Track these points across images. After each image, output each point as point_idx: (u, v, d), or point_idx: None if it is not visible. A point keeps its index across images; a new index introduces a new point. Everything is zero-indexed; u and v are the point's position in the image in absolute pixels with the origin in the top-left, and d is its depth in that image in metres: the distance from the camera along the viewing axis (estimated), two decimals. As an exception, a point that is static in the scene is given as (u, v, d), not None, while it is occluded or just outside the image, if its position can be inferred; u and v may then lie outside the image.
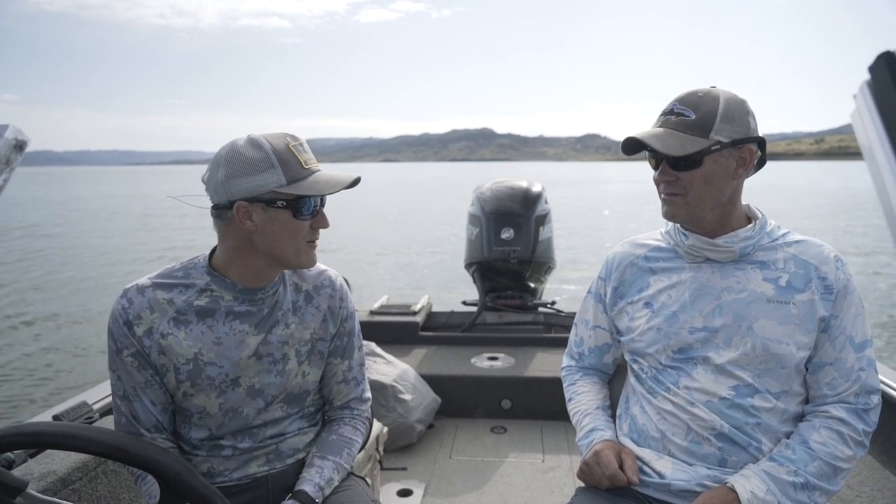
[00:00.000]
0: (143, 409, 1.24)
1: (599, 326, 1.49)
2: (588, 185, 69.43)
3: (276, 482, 1.33)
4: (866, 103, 0.60)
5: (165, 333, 1.22)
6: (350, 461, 1.39)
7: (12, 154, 0.70)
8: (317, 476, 1.30)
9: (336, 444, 1.38)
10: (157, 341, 1.22)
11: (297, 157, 1.19)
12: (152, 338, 1.22)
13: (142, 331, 1.21)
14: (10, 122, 0.69)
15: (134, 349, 1.21)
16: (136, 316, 1.21)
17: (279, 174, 1.16)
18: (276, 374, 1.30)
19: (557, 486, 2.52)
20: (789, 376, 1.23)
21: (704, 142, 1.20)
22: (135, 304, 1.22)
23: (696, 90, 1.25)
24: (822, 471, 1.17)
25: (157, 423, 1.26)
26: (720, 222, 1.28)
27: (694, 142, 1.21)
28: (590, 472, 1.31)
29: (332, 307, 1.38)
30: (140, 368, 1.23)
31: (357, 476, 1.47)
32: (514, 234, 3.74)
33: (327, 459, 1.34)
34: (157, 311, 1.22)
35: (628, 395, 1.41)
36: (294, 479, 1.33)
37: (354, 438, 1.42)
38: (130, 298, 1.22)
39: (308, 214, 1.22)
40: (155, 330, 1.22)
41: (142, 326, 1.21)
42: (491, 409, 3.18)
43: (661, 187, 1.29)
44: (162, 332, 1.22)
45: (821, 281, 1.23)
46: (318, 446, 1.38)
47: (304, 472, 1.31)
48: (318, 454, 1.35)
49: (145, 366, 1.23)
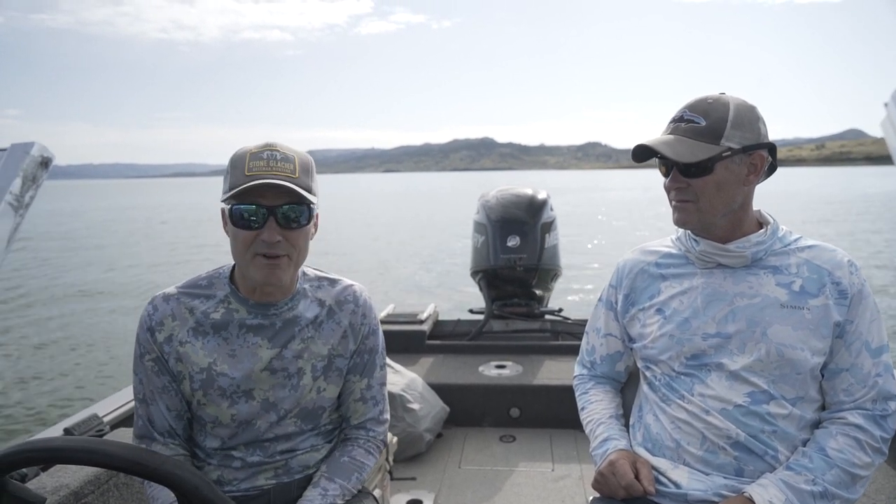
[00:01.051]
0: (158, 413, 1.28)
1: (611, 334, 1.48)
2: (589, 192, 69.48)
3: (278, 494, 1.32)
4: None
5: (184, 342, 1.26)
6: (358, 486, 1.36)
7: (39, 171, 0.70)
8: (319, 498, 1.27)
9: (346, 466, 1.34)
10: (176, 348, 1.26)
11: (245, 164, 1.15)
12: (171, 345, 1.25)
13: (163, 337, 1.25)
14: (34, 140, 0.70)
15: (154, 354, 1.26)
16: (159, 323, 1.25)
17: (227, 182, 1.17)
18: (291, 388, 1.29)
19: (568, 495, 2.50)
20: (804, 382, 1.22)
21: (715, 148, 1.20)
22: (159, 312, 1.26)
23: (705, 97, 1.25)
24: (840, 479, 1.16)
25: (170, 429, 1.29)
26: (731, 228, 1.28)
27: (705, 148, 1.20)
28: (605, 483, 1.29)
29: (353, 323, 1.35)
30: (159, 374, 1.27)
31: (366, 491, 1.44)
32: (520, 241, 3.73)
33: (334, 482, 1.30)
34: (179, 319, 1.26)
35: (641, 403, 1.40)
36: (297, 492, 1.32)
37: (366, 463, 1.38)
38: (156, 305, 1.27)
39: (241, 224, 1.16)
40: (174, 338, 1.26)
41: (163, 333, 1.25)
42: (499, 417, 3.17)
43: (671, 194, 1.28)
44: (181, 340, 1.26)
45: (835, 286, 1.23)
46: (328, 466, 1.34)
47: (308, 492, 1.28)
48: (325, 474, 1.32)
49: (164, 371, 1.27)
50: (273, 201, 1.15)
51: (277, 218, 1.16)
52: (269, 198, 1.15)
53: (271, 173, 1.14)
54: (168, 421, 1.28)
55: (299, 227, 1.19)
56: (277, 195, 1.15)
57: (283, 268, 1.19)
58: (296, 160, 1.19)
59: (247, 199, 1.15)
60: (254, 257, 1.18)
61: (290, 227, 1.17)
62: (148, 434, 1.29)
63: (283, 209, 1.16)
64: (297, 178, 1.17)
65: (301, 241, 1.20)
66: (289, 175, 1.16)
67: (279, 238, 1.16)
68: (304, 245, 1.22)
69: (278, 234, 1.16)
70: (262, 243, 1.16)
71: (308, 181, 1.19)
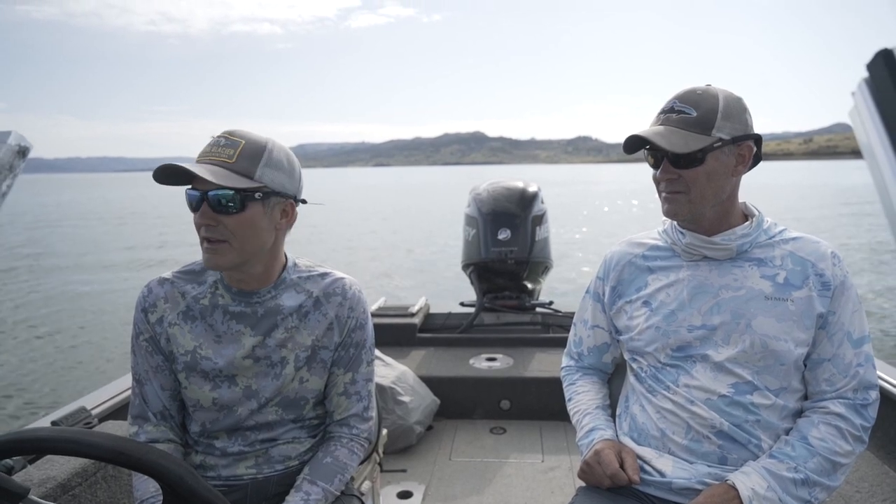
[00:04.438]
0: (152, 392, 1.31)
1: (598, 326, 1.49)
2: (579, 185, 69.60)
3: (256, 489, 1.33)
4: (865, 101, 0.61)
5: (173, 323, 1.30)
6: (341, 487, 1.35)
7: (15, 160, 0.70)
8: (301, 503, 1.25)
9: (329, 468, 1.33)
10: (166, 329, 1.30)
11: (203, 150, 1.18)
12: (162, 326, 1.30)
13: (154, 318, 1.30)
14: (11, 129, 0.69)
15: (148, 335, 1.30)
16: (152, 305, 1.30)
17: None
18: (273, 377, 1.30)
19: (557, 486, 2.52)
20: (788, 373, 1.24)
21: (707, 139, 1.21)
22: (153, 294, 1.31)
23: (693, 88, 1.26)
24: (821, 467, 1.18)
25: (163, 409, 1.32)
26: (719, 220, 1.29)
27: (697, 139, 1.21)
28: (591, 472, 1.31)
29: (339, 315, 1.34)
30: (152, 353, 1.31)
31: (349, 492, 1.42)
32: (511, 234, 3.74)
33: (317, 485, 1.29)
34: (171, 301, 1.31)
35: (628, 394, 1.42)
36: (275, 488, 1.33)
37: (350, 464, 1.37)
38: (151, 288, 1.32)
39: (190, 208, 1.18)
40: (165, 319, 1.30)
41: (155, 314, 1.30)
42: (490, 409, 3.18)
43: (661, 186, 1.29)
44: (170, 322, 1.30)
45: (818, 277, 1.24)
46: (311, 468, 1.32)
47: (290, 497, 1.26)
48: (308, 477, 1.30)
49: (157, 351, 1.31)
50: (206, 186, 1.15)
51: (210, 202, 1.16)
52: (204, 182, 1.14)
53: (206, 158, 1.16)
54: (162, 401, 1.32)
55: (231, 213, 1.16)
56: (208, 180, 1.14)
57: (222, 253, 1.18)
58: (241, 145, 1.17)
59: (194, 186, 1.17)
60: (201, 241, 1.20)
61: (223, 212, 1.16)
62: (142, 414, 1.32)
63: (213, 194, 1.15)
64: (234, 163, 1.16)
65: (241, 229, 1.18)
66: (223, 160, 1.15)
67: (210, 222, 1.16)
68: (247, 232, 1.19)
69: (210, 218, 1.16)
70: (202, 227, 1.18)
71: (250, 167, 1.17)
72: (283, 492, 1.31)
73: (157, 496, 1.22)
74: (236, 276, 1.28)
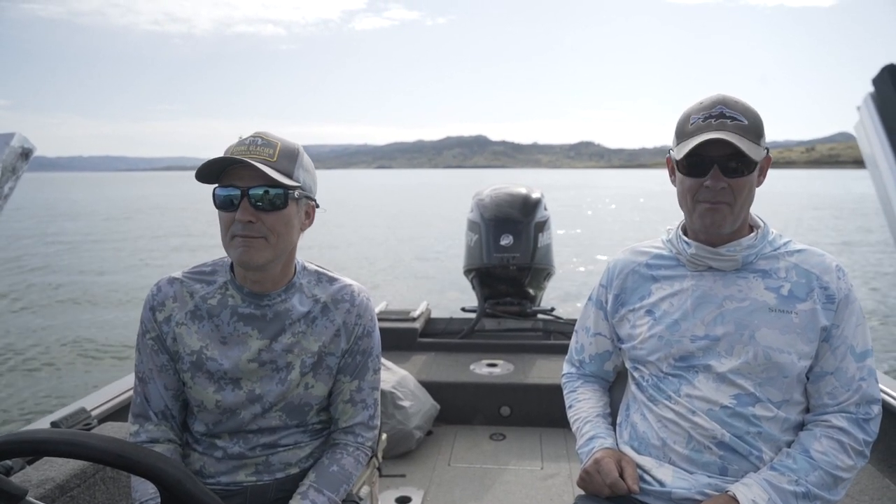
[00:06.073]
0: (155, 391, 1.31)
1: (600, 334, 1.49)
2: (581, 189, 69.63)
3: (254, 494, 1.32)
4: (870, 115, 0.61)
5: (180, 323, 1.29)
6: (344, 496, 1.34)
7: (19, 162, 0.70)
8: None
9: (336, 477, 1.31)
10: (173, 329, 1.29)
11: (231, 149, 1.18)
12: (169, 325, 1.29)
13: (162, 317, 1.30)
14: (15, 131, 0.70)
15: (154, 333, 1.30)
16: (160, 303, 1.30)
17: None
18: (278, 381, 1.29)
19: (556, 493, 2.51)
20: (791, 385, 1.23)
21: (761, 149, 1.21)
22: (162, 293, 1.31)
23: (724, 96, 1.24)
24: (822, 480, 1.17)
25: (165, 409, 1.31)
26: (735, 230, 1.28)
27: (755, 148, 1.20)
28: (590, 480, 1.30)
29: (347, 322, 1.33)
30: (158, 352, 1.30)
31: (350, 500, 1.41)
32: (514, 240, 3.73)
33: (323, 494, 1.27)
34: (179, 301, 1.30)
35: (629, 402, 1.41)
36: (274, 493, 1.32)
37: (354, 473, 1.36)
38: (160, 287, 1.32)
39: (221, 206, 1.19)
40: (173, 318, 1.29)
41: (163, 313, 1.30)
42: (490, 415, 3.18)
43: (703, 195, 1.22)
44: (178, 322, 1.29)
45: (822, 290, 1.24)
46: (317, 475, 1.30)
47: (296, 502, 1.25)
48: (314, 485, 1.28)
49: (162, 350, 1.30)
50: (248, 183, 1.17)
51: (250, 199, 1.16)
52: (245, 179, 1.17)
53: (247, 155, 1.17)
54: (165, 400, 1.31)
55: (273, 210, 1.18)
56: (252, 177, 1.17)
57: (259, 248, 1.19)
58: (278, 146, 1.20)
59: (226, 182, 1.18)
60: (232, 238, 1.19)
61: (264, 209, 1.17)
62: (144, 413, 1.31)
63: (256, 191, 1.16)
64: (275, 161, 1.18)
65: (279, 226, 1.20)
66: (265, 159, 1.17)
67: (251, 218, 1.17)
68: (283, 230, 1.21)
69: (251, 215, 1.17)
70: (238, 224, 1.17)
71: (289, 166, 1.20)
72: (281, 497, 1.30)
73: (155, 498, 1.22)
74: (255, 276, 1.26)
